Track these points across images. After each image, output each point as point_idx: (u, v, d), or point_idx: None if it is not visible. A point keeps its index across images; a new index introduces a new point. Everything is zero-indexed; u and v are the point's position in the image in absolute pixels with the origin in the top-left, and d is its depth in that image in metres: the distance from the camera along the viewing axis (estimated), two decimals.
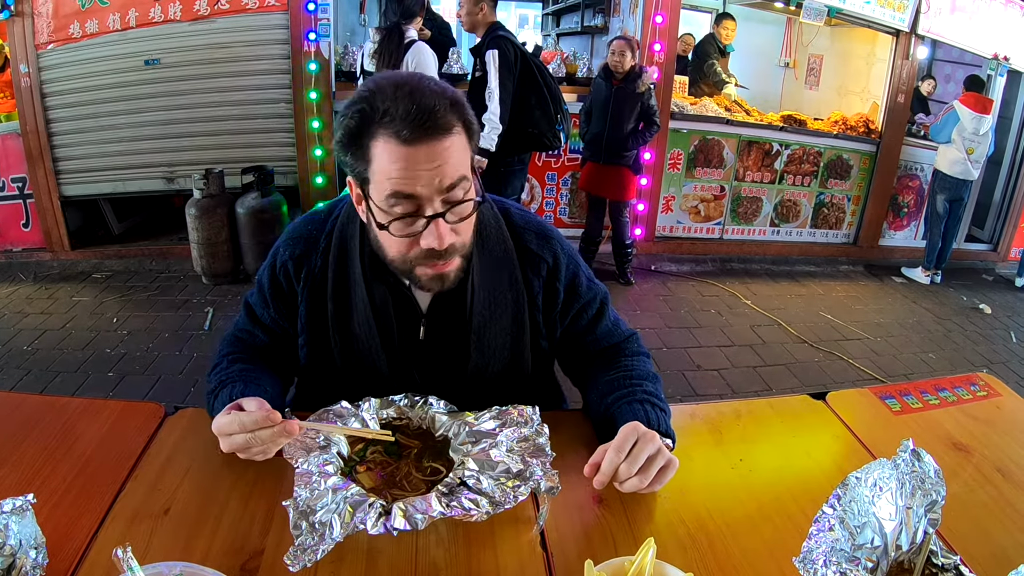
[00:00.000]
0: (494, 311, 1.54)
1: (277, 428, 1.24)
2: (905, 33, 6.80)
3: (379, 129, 1.26)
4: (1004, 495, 1.45)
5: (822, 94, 8.79)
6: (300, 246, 1.55)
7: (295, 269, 1.54)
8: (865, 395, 1.82)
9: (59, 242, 5.80)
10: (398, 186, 1.26)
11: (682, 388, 4.34)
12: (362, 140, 1.28)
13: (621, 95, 5.41)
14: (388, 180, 1.27)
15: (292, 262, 1.54)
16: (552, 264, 1.59)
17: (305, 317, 1.55)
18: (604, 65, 5.53)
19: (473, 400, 1.48)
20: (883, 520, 1.08)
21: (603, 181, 5.72)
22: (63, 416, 1.47)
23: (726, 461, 1.49)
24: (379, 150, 1.26)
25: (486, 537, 1.19)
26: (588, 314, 1.67)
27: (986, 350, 5.55)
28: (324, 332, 1.55)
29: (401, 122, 1.23)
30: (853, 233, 7.41)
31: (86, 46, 5.40)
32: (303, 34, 5.48)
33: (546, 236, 1.61)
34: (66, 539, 1.13)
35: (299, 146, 5.77)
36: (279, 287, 1.57)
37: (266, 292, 1.59)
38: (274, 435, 1.25)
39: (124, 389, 3.94)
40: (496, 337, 1.56)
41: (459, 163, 1.29)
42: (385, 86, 1.28)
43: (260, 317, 1.62)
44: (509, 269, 1.55)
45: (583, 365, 1.69)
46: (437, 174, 1.26)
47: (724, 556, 1.21)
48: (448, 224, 1.31)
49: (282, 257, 1.56)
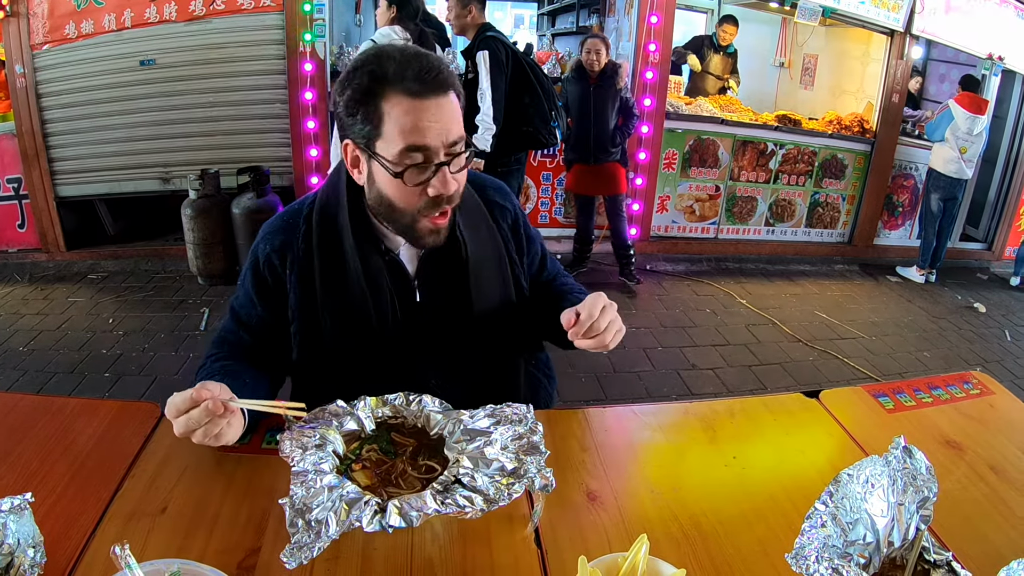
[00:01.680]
0: (483, 255, 1.65)
1: (202, 407, 1.22)
2: (900, 33, 6.82)
3: (389, 88, 1.35)
4: (997, 492, 1.46)
5: (817, 94, 8.81)
6: (279, 236, 1.59)
7: (280, 260, 1.57)
8: (859, 393, 1.83)
9: (55, 243, 5.79)
10: (412, 139, 1.36)
11: (677, 387, 4.35)
12: (372, 99, 1.37)
13: (600, 93, 5.41)
14: (401, 134, 1.36)
15: (276, 254, 1.57)
16: (513, 211, 1.77)
17: (296, 304, 1.57)
18: (576, 65, 5.53)
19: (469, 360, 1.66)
20: (875, 516, 1.09)
21: (595, 180, 5.71)
22: (60, 416, 1.47)
23: (720, 459, 1.50)
24: (391, 107, 1.36)
25: (481, 534, 1.20)
26: (539, 254, 1.87)
27: (981, 349, 5.57)
28: (314, 316, 1.57)
29: (413, 79, 1.35)
30: (848, 232, 7.43)
31: (81, 46, 5.39)
32: (298, 34, 5.47)
33: (503, 190, 1.80)
34: (64, 537, 1.14)
35: (295, 146, 5.76)
36: (264, 283, 1.59)
37: (251, 292, 1.61)
38: (203, 413, 1.22)
39: (120, 389, 3.93)
40: (489, 279, 1.67)
41: (459, 123, 1.42)
42: (390, 51, 1.39)
43: (246, 319, 1.62)
44: (483, 219, 1.69)
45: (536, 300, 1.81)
46: (445, 127, 1.38)
47: (717, 552, 1.22)
48: (451, 174, 1.42)
49: (263, 252, 1.58)
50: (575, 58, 5.73)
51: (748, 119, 6.89)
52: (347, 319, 1.55)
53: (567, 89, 5.63)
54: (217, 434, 1.25)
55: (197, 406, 1.22)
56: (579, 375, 4.31)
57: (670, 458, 1.51)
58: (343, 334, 1.56)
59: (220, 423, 1.25)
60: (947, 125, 6.57)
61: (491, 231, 1.69)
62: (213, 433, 1.24)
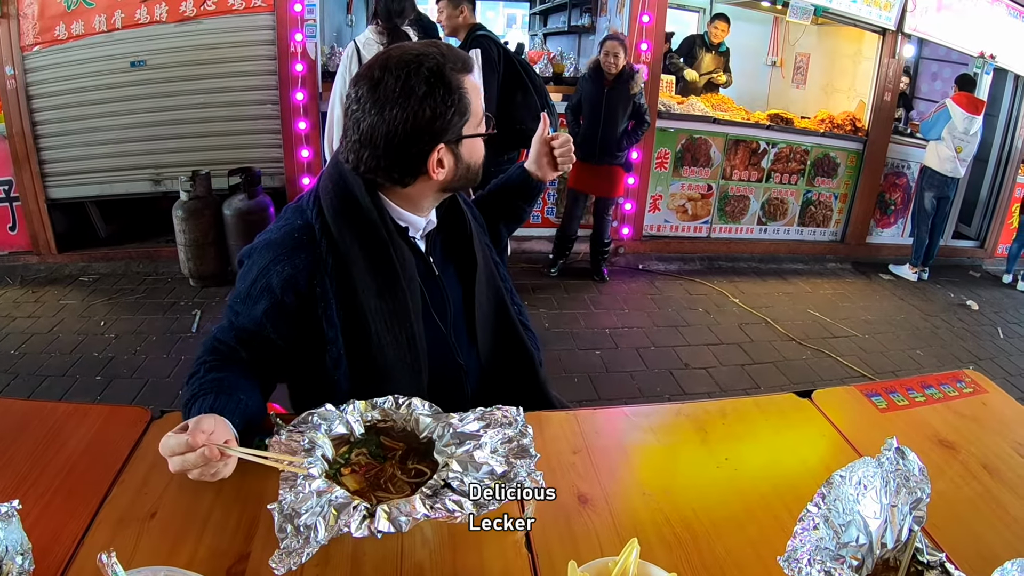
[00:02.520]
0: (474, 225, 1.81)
1: (198, 452, 1.19)
2: (891, 32, 6.84)
3: (455, 72, 1.49)
4: (990, 492, 1.47)
5: (809, 92, 8.83)
6: (300, 254, 1.49)
7: (307, 279, 1.49)
8: (851, 393, 1.83)
9: (46, 245, 5.76)
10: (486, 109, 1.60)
11: (670, 386, 4.35)
12: (454, 87, 1.49)
13: (614, 96, 5.42)
14: (480, 104, 1.57)
15: (301, 274, 1.48)
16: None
17: (340, 317, 1.51)
18: (594, 64, 5.52)
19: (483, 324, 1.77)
20: (868, 518, 1.09)
21: (596, 180, 5.72)
22: (50, 421, 1.47)
23: (712, 460, 1.50)
24: (467, 88, 1.51)
25: (471, 539, 1.20)
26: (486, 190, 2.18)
27: (973, 346, 5.60)
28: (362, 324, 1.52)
29: (459, 60, 1.51)
30: (840, 231, 7.45)
31: (72, 48, 5.36)
32: (289, 35, 5.45)
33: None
34: (53, 544, 1.14)
35: (286, 147, 5.74)
36: (283, 308, 1.48)
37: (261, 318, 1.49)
38: (198, 459, 1.20)
39: (112, 393, 3.92)
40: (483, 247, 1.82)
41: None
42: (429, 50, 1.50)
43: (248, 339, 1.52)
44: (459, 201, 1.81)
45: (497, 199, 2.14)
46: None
47: (709, 555, 1.22)
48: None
49: (283, 274, 1.48)
50: (593, 57, 5.73)
51: (740, 118, 6.90)
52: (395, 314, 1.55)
53: (582, 87, 5.64)
54: (213, 473, 1.23)
55: (193, 451, 1.20)
56: (572, 376, 4.32)
57: (662, 460, 1.51)
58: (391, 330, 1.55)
59: (216, 466, 1.23)
60: (944, 124, 6.60)
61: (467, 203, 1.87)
62: (209, 474, 1.23)
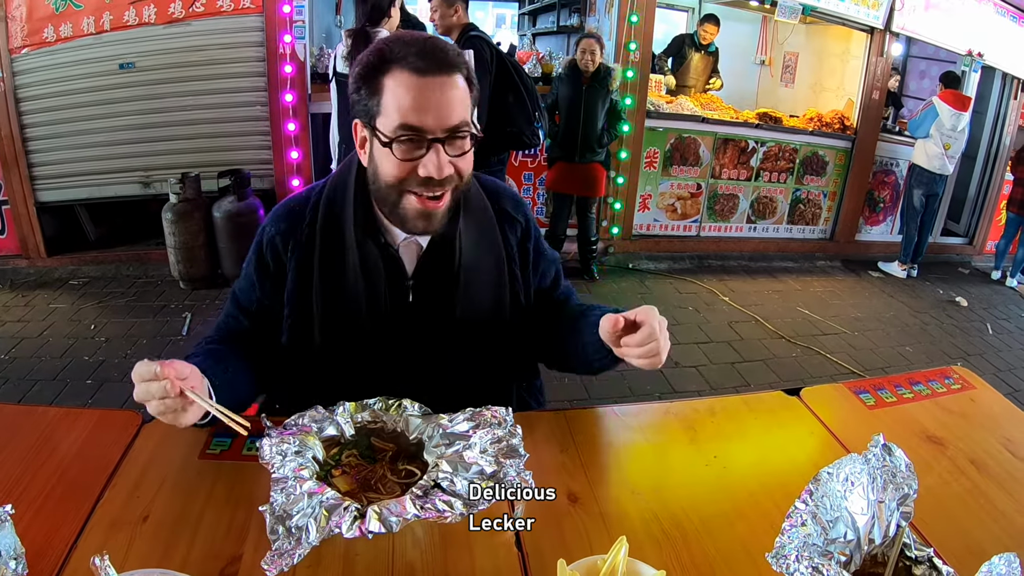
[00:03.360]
0: (479, 265, 1.63)
1: (160, 383, 1.22)
2: (879, 30, 6.88)
3: (394, 65, 1.38)
4: (978, 487, 1.48)
5: (797, 91, 8.87)
6: (285, 221, 1.60)
7: (283, 244, 1.58)
8: (839, 390, 1.85)
9: (35, 249, 5.74)
10: (407, 117, 1.37)
11: (660, 385, 4.36)
12: (377, 76, 1.40)
13: (592, 94, 5.46)
14: (399, 110, 1.37)
15: (279, 237, 1.58)
16: (524, 225, 1.73)
17: (292, 289, 1.58)
18: (570, 63, 5.56)
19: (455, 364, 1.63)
20: (855, 514, 1.10)
21: (578, 179, 5.73)
22: (41, 425, 1.46)
23: (700, 458, 1.51)
24: (392, 82, 1.38)
25: (462, 539, 1.20)
26: (551, 273, 1.82)
27: (963, 342, 5.63)
28: (308, 304, 1.57)
29: (415, 56, 1.37)
30: (830, 229, 7.48)
31: (60, 50, 5.34)
32: (278, 36, 5.45)
33: (518, 201, 1.76)
34: (46, 549, 1.14)
35: (275, 149, 5.73)
36: (266, 266, 1.60)
37: (253, 274, 1.62)
38: (160, 390, 1.22)
39: (103, 397, 3.90)
40: (480, 291, 1.64)
41: (464, 108, 1.41)
42: (402, 35, 1.43)
43: (245, 303, 1.64)
44: (490, 229, 1.66)
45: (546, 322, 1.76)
46: (445, 110, 1.38)
47: (699, 553, 1.23)
48: (448, 157, 1.41)
49: (268, 234, 1.60)
50: (568, 57, 5.75)
51: (729, 117, 6.92)
52: (339, 307, 1.56)
53: (557, 87, 5.65)
54: (172, 414, 1.25)
55: (158, 380, 1.22)
56: (562, 375, 4.31)
57: (651, 458, 1.52)
58: (334, 322, 1.57)
59: (175, 404, 1.25)
60: (931, 121, 6.64)
61: (495, 242, 1.66)
62: (169, 411, 1.25)
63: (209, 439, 1.44)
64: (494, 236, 1.66)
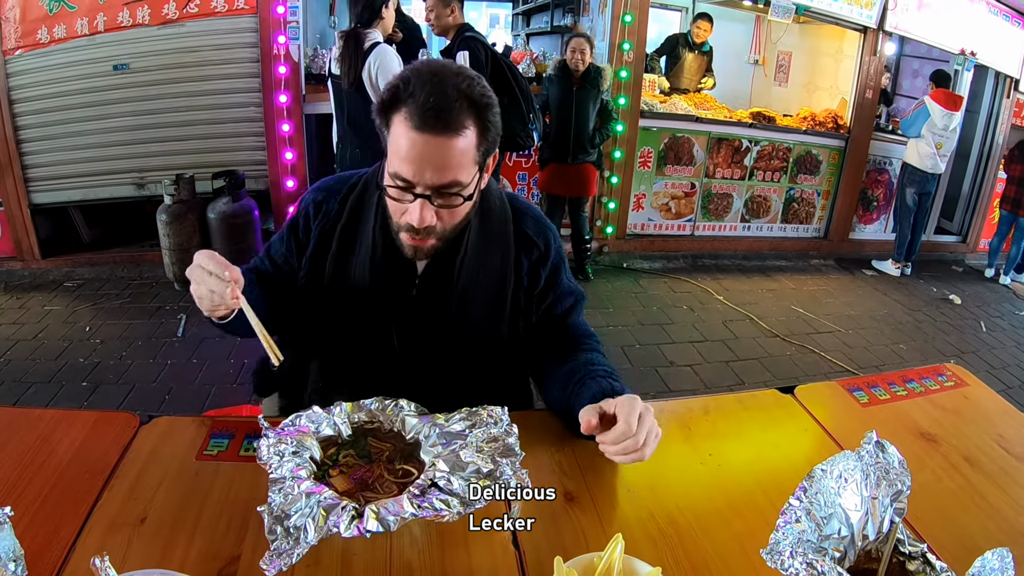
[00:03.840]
0: (480, 281, 1.63)
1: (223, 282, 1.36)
2: (873, 30, 6.90)
3: (402, 107, 1.38)
4: (972, 483, 1.49)
5: (791, 91, 8.89)
6: (323, 193, 1.71)
7: (315, 211, 1.70)
8: (833, 388, 1.86)
9: (29, 251, 5.72)
10: (397, 166, 1.40)
11: (655, 384, 4.37)
12: (389, 112, 1.42)
13: (583, 93, 5.46)
14: (395, 156, 1.41)
15: (313, 205, 1.70)
16: (543, 250, 1.70)
17: (311, 254, 1.69)
18: (560, 63, 5.56)
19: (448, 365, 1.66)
20: (849, 511, 1.11)
21: (569, 181, 5.74)
22: (38, 427, 1.46)
23: (695, 456, 1.52)
24: (396, 125, 1.40)
25: (459, 537, 1.21)
26: (563, 305, 1.73)
27: (956, 340, 5.65)
28: (320, 271, 1.68)
29: (416, 108, 1.36)
30: (823, 227, 7.50)
31: (54, 51, 5.33)
32: (272, 37, 5.44)
33: (544, 225, 1.74)
34: (45, 551, 1.14)
35: (269, 150, 5.72)
36: (296, 226, 1.73)
37: (285, 229, 1.75)
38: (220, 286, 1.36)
39: (98, 399, 3.90)
40: (477, 305, 1.64)
41: (458, 165, 1.41)
42: (423, 70, 1.41)
43: (275, 253, 1.75)
44: (503, 247, 1.66)
45: (546, 354, 1.71)
46: (437, 169, 1.39)
47: (694, 549, 1.24)
48: (433, 207, 1.44)
49: (306, 200, 1.73)
50: (558, 57, 5.75)
51: (723, 116, 6.94)
52: (346, 283, 1.65)
53: (547, 88, 5.64)
54: (210, 304, 1.40)
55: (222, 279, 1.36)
56: None
57: None
58: (339, 295, 1.66)
59: (221, 301, 1.38)
60: (923, 121, 6.67)
61: (504, 264, 1.66)
62: (213, 303, 1.39)
63: (207, 440, 1.45)
64: (504, 256, 1.66)
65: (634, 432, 1.31)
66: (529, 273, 1.69)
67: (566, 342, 1.71)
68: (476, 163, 1.46)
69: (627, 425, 1.31)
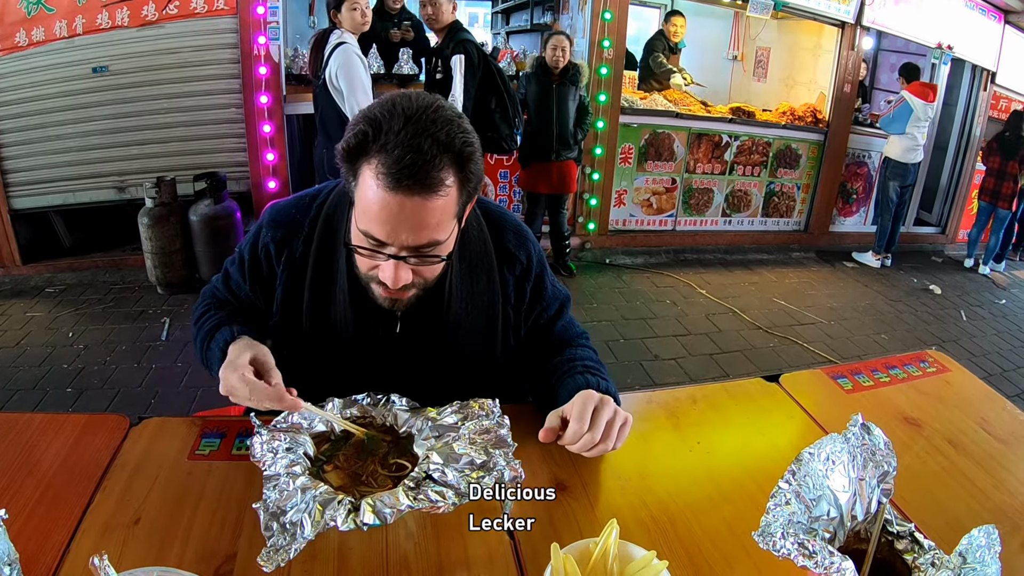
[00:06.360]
0: (470, 311, 1.58)
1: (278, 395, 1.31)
2: (850, 25, 6.97)
3: (372, 157, 1.24)
4: (955, 465, 1.52)
5: (770, 86, 8.93)
6: (282, 230, 1.56)
7: (276, 252, 1.56)
8: (817, 376, 1.89)
9: (10, 257, 5.65)
10: (368, 226, 1.28)
11: (640, 378, 4.40)
12: (357, 160, 1.27)
13: (563, 91, 5.48)
14: (364, 213, 1.28)
15: (274, 245, 1.56)
16: (525, 264, 1.64)
17: (281, 300, 1.58)
18: (539, 61, 5.58)
19: (441, 393, 1.50)
20: (837, 492, 1.14)
21: (553, 178, 5.75)
22: (25, 433, 1.45)
23: (684, 445, 1.54)
24: (366, 177, 1.25)
25: (454, 529, 1.22)
26: (549, 312, 1.71)
27: (937, 329, 5.72)
28: (297, 319, 1.57)
29: (390, 165, 1.21)
30: (804, 220, 7.56)
31: (32, 54, 5.27)
32: (252, 38, 5.42)
33: (523, 236, 1.66)
34: (39, 554, 1.13)
35: (251, 151, 5.69)
36: (258, 267, 1.60)
37: (245, 268, 1.62)
38: (274, 404, 1.31)
39: (83, 404, 3.87)
40: (469, 334, 1.59)
41: (436, 225, 1.29)
42: (395, 112, 1.24)
43: (235, 288, 1.66)
44: (487, 270, 1.59)
45: (534, 358, 1.70)
46: (406, 231, 1.27)
47: (686, 535, 1.26)
48: (409, 265, 1.33)
49: (264, 239, 1.57)
50: (536, 55, 5.76)
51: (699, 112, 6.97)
52: (326, 329, 1.55)
53: (526, 86, 5.65)
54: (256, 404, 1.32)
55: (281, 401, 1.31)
56: None
57: (636, 446, 1.53)
58: (321, 340, 1.56)
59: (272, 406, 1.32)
60: (907, 118, 6.72)
61: (491, 283, 1.59)
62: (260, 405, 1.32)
63: (198, 440, 1.44)
64: (490, 278, 1.59)
65: (587, 429, 1.31)
66: (515, 289, 1.64)
67: (556, 345, 1.70)
68: (455, 217, 1.35)
69: (579, 424, 1.32)
